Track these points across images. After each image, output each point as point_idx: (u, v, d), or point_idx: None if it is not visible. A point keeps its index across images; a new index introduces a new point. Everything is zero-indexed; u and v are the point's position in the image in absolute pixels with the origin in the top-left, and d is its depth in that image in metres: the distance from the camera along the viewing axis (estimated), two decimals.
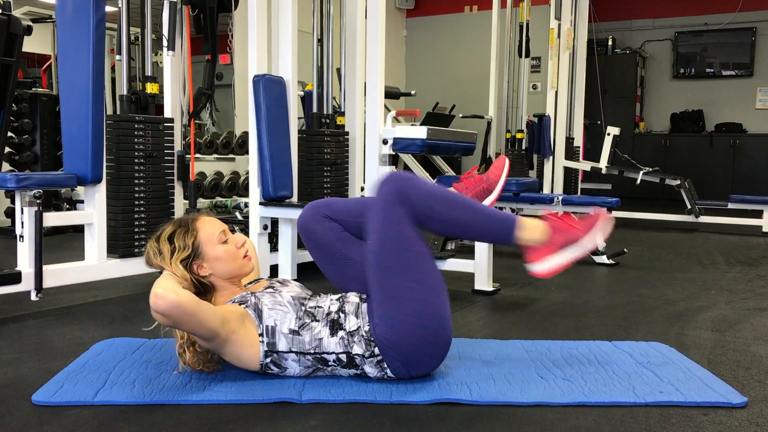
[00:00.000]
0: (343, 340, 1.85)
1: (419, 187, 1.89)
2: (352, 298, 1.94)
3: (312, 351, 1.85)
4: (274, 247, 3.57)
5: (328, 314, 1.89)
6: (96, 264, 3.06)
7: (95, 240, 3.06)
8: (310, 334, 1.85)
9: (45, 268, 2.78)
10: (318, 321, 1.87)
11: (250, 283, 2.07)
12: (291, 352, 1.84)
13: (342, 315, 1.88)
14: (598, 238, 1.97)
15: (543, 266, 1.96)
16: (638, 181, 6.60)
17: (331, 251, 2.00)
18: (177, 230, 1.92)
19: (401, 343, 1.81)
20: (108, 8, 3.01)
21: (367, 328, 1.85)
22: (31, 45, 5.40)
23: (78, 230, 4.55)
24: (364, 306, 1.90)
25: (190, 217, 1.98)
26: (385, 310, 1.83)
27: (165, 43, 3.49)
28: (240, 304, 1.87)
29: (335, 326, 1.86)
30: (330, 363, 1.86)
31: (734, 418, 1.68)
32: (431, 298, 1.85)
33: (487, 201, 2.06)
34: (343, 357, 1.85)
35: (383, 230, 1.87)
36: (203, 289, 1.92)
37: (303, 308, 1.89)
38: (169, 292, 1.64)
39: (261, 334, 1.83)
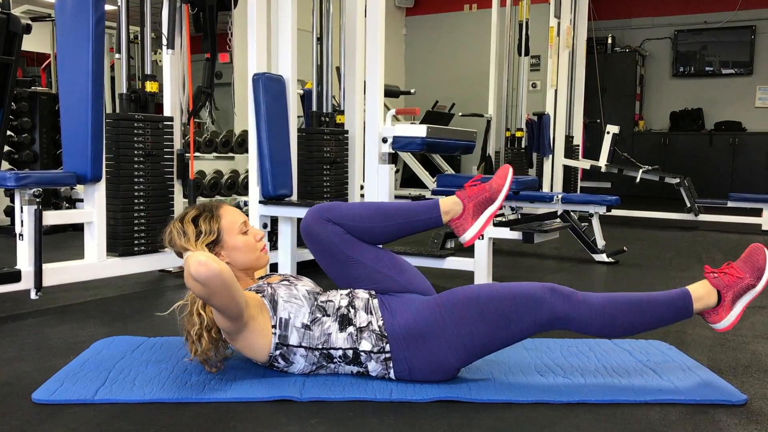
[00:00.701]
0: (351, 336, 1.85)
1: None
2: (362, 293, 1.94)
3: (320, 346, 1.85)
4: (273, 246, 3.57)
5: (338, 309, 1.89)
6: (96, 262, 3.06)
7: (95, 238, 3.06)
8: (320, 329, 1.85)
9: (45, 266, 2.78)
10: (328, 316, 1.88)
11: (262, 277, 2.09)
12: (301, 346, 1.84)
13: (352, 310, 1.89)
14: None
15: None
16: (638, 180, 6.60)
17: (335, 253, 2.00)
18: (202, 214, 1.95)
19: (411, 359, 1.83)
20: (107, 7, 3.01)
21: (380, 323, 1.85)
22: (30, 44, 5.38)
23: (77, 229, 4.55)
24: (375, 301, 1.91)
25: (213, 204, 2.01)
26: (413, 335, 1.84)
27: (164, 41, 3.49)
28: (257, 293, 1.87)
29: (345, 321, 1.87)
30: (335, 359, 1.86)
31: (734, 416, 1.68)
32: (470, 346, 1.84)
33: (489, 210, 2.08)
34: (349, 353, 1.85)
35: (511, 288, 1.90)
36: None
37: (316, 302, 1.90)
38: (212, 260, 1.64)
39: (274, 326, 1.83)
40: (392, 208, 2.04)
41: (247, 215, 3.50)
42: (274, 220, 3.51)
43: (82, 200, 3.79)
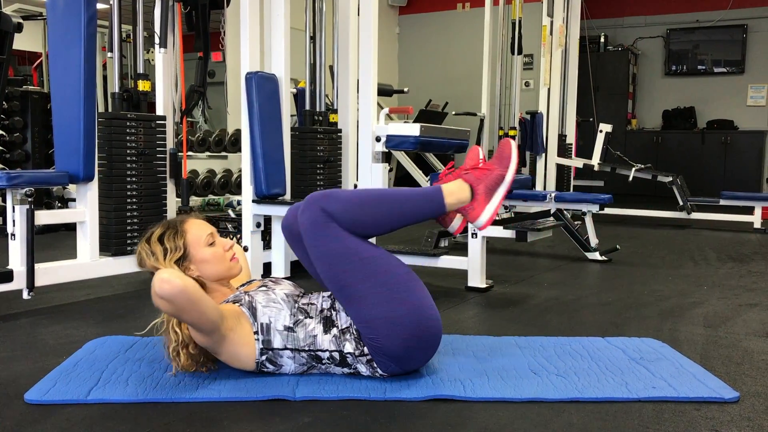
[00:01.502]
0: (335, 338, 1.85)
1: (338, 199, 1.87)
2: None
3: (306, 348, 1.85)
4: (267, 245, 3.57)
5: (321, 311, 1.89)
6: (88, 262, 3.05)
7: (87, 238, 3.05)
8: (305, 330, 1.85)
9: (37, 266, 2.77)
10: (311, 318, 1.88)
11: (243, 285, 2.08)
12: (286, 349, 1.84)
13: (334, 312, 1.89)
14: (513, 165, 2.02)
15: (484, 217, 1.99)
16: (630, 178, 6.62)
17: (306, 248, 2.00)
18: (166, 232, 1.94)
19: (389, 345, 1.81)
20: (99, 5, 3.00)
21: (357, 326, 1.85)
22: (21, 42, 5.37)
23: (70, 228, 4.53)
24: None
25: (178, 219, 2.00)
26: (363, 320, 1.83)
27: (157, 40, 3.48)
28: (234, 303, 1.87)
29: (328, 323, 1.87)
30: (324, 360, 1.86)
31: (726, 412, 1.69)
32: (403, 295, 1.83)
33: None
34: (336, 355, 1.85)
35: (326, 253, 1.85)
36: None
37: (296, 305, 1.90)
38: (174, 277, 1.64)
39: (256, 332, 1.83)
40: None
41: (241, 214, 3.50)
42: (268, 219, 3.51)
43: (74, 200, 3.78)
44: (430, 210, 1.95)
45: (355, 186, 3.76)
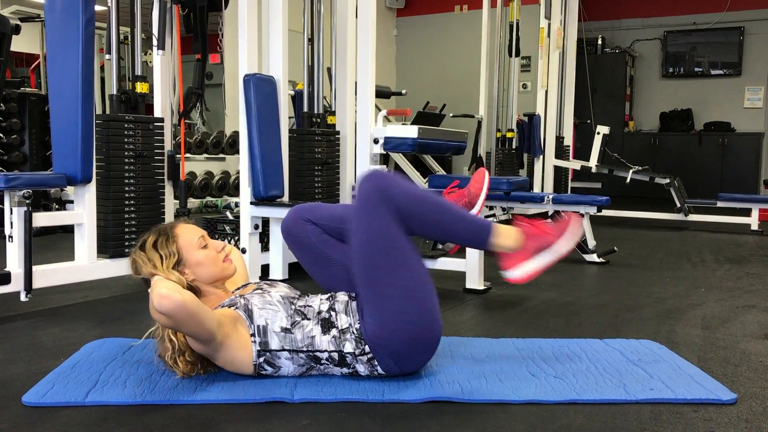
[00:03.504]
0: (335, 339, 1.85)
1: (401, 186, 1.90)
2: (341, 296, 1.95)
3: (305, 349, 1.85)
4: (265, 247, 3.56)
5: (319, 313, 1.90)
6: (86, 264, 3.05)
7: (85, 240, 3.04)
8: (302, 332, 1.85)
9: (34, 268, 2.76)
10: (309, 319, 1.88)
11: (238, 288, 2.08)
12: (284, 350, 1.84)
13: (333, 313, 1.89)
14: (571, 242, 1.99)
15: (517, 272, 1.99)
16: (628, 180, 6.62)
17: (315, 253, 2.03)
18: (158, 239, 1.95)
19: (391, 340, 1.83)
20: (97, 7, 2.99)
21: (357, 326, 1.86)
22: (19, 44, 5.36)
23: (68, 230, 4.53)
24: (354, 304, 1.92)
25: (168, 225, 2.02)
26: (374, 308, 1.85)
27: (155, 42, 3.47)
28: (230, 307, 1.87)
29: (327, 325, 1.87)
30: (323, 361, 1.86)
31: (724, 414, 1.69)
32: (419, 293, 1.87)
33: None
34: (335, 355, 1.85)
35: (368, 228, 1.87)
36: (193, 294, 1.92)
37: (293, 307, 1.90)
38: (173, 291, 1.64)
39: (253, 334, 1.83)
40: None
41: (239, 217, 3.50)
42: (266, 222, 3.51)
43: (72, 202, 3.77)
44: (473, 240, 1.99)
45: (353, 188, 3.76)
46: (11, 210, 2.70)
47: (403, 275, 1.86)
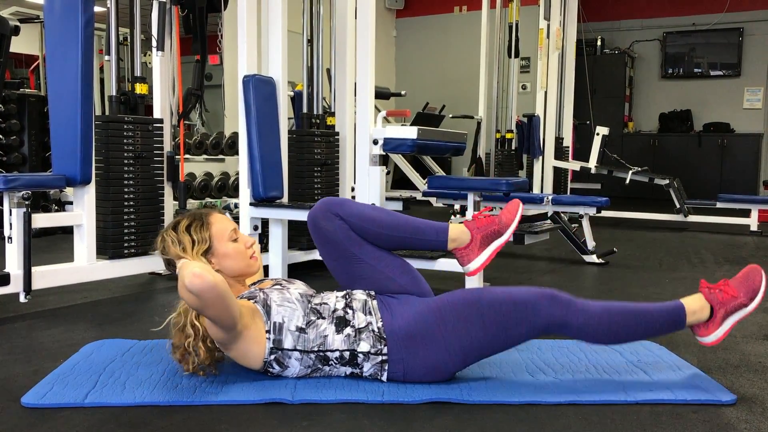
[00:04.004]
0: (349, 338, 1.85)
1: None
2: (359, 295, 1.94)
3: (316, 349, 1.85)
4: (264, 248, 3.56)
5: (334, 311, 1.89)
6: (85, 265, 3.04)
7: (84, 241, 3.04)
8: (316, 331, 1.85)
9: (34, 269, 2.76)
10: (324, 318, 1.88)
11: (255, 283, 2.08)
12: (295, 350, 1.84)
13: (350, 311, 1.89)
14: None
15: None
16: (627, 181, 6.62)
17: (340, 249, 2.00)
18: (193, 222, 1.95)
19: (412, 365, 1.83)
20: (96, 8, 2.99)
21: (380, 324, 1.85)
22: (18, 45, 5.36)
23: (67, 231, 4.53)
24: (374, 302, 1.91)
25: (204, 212, 2.01)
26: (416, 330, 1.85)
27: (154, 43, 3.47)
28: (249, 300, 1.87)
29: (342, 323, 1.87)
30: (331, 361, 1.86)
31: (724, 415, 1.69)
32: (469, 356, 1.85)
33: (496, 243, 2.09)
34: (346, 354, 1.85)
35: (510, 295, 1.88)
36: None
37: (310, 305, 1.90)
38: (206, 272, 1.64)
39: (268, 331, 1.83)
40: (402, 220, 2.03)
41: (238, 217, 3.50)
42: (265, 223, 3.50)
43: (71, 203, 3.77)
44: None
45: (352, 189, 3.76)
46: (10, 211, 2.70)
47: (478, 335, 1.83)
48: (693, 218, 6.14)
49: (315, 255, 3.62)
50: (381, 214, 2.02)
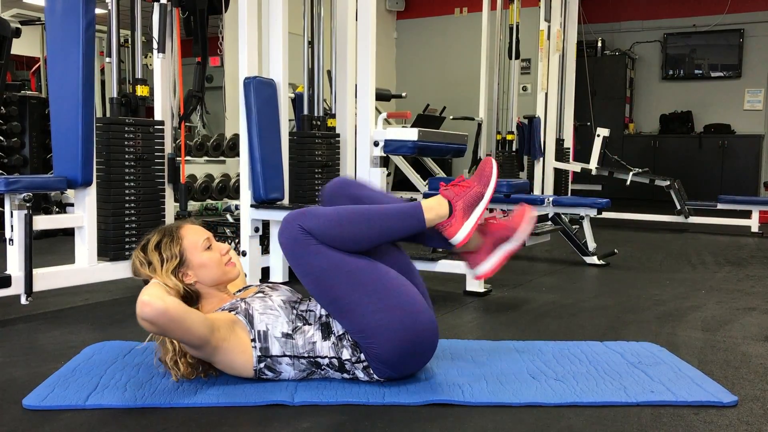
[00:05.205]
0: (334, 345, 1.85)
1: (316, 216, 1.84)
2: None
3: (306, 354, 1.84)
4: (265, 249, 3.57)
5: (320, 318, 1.89)
6: (86, 267, 3.05)
7: (85, 243, 3.04)
8: (303, 337, 1.85)
9: (35, 271, 2.76)
10: (310, 324, 1.88)
11: (240, 290, 2.08)
12: (285, 356, 1.84)
13: (332, 319, 1.88)
14: (492, 183, 2.00)
15: (460, 235, 1.98)
16: (628, 182, 6.62)
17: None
18: (163, 239, 1.92)
19: (383, 352, 1.81)
20: (97, 10, 3.00)
21: (352, 336, 1.85)
22: (19, 47, 5.37)
23: (68, 233, 4.52)
24: None
25: (174, 226, 1.98)
26: (358, 331, 1.82)
27: (155, 45, 3.48)
28: (230, 311, 1.87)
29: (326, 330, 1.86)
30: (323, 366, 1.86)
31: (725, 417, 1.69)
32: (393, 302, 1.82)
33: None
34: (335, 361, 1.85)
35: (310, 271, 1.83)
36: (191, 298, 1.92)
37: (294, 312, 1.90)
38: (155, 298, 1.63)
39: (253, 340, 1.82)
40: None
41: (239, 219, 3.50)
42: (266, 224, 3.51)
43: (72, 205, 3.78)
44: (410, 226, 1.92)
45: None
46: (12, 213, 2.70)
47: (365, 293, 1.81)
48: (694, 219, 6.14)
49: None
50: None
